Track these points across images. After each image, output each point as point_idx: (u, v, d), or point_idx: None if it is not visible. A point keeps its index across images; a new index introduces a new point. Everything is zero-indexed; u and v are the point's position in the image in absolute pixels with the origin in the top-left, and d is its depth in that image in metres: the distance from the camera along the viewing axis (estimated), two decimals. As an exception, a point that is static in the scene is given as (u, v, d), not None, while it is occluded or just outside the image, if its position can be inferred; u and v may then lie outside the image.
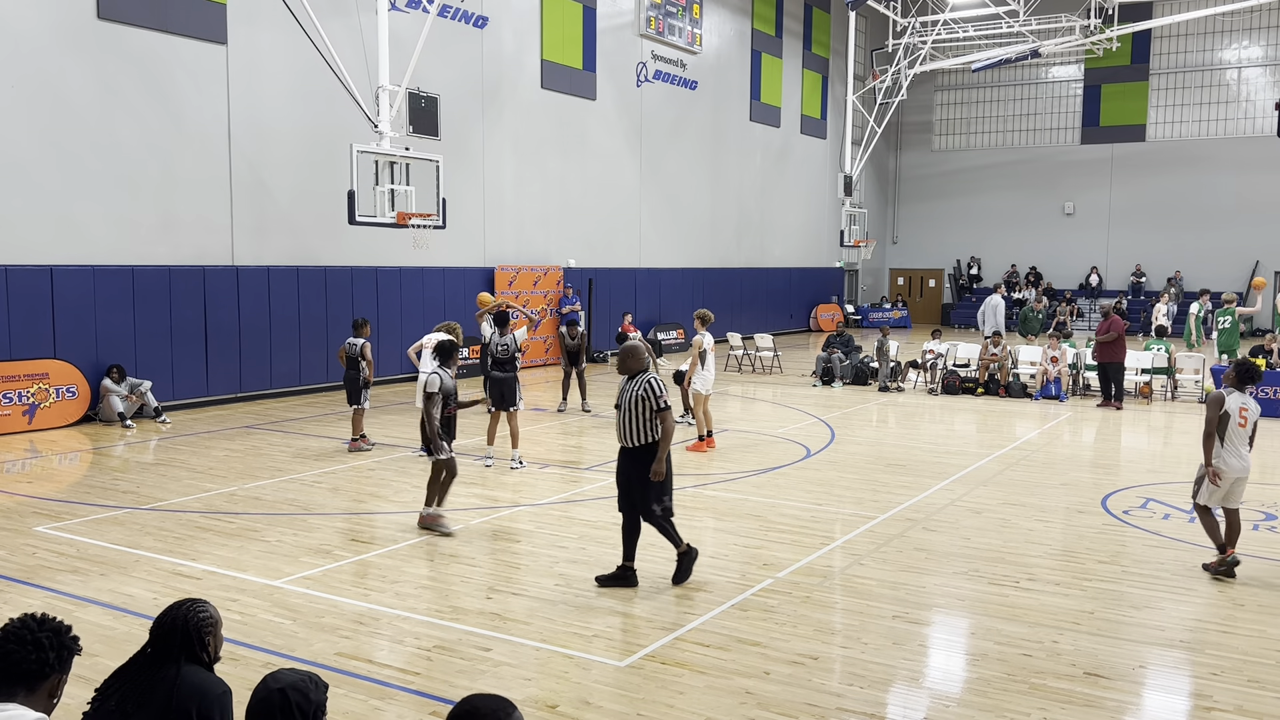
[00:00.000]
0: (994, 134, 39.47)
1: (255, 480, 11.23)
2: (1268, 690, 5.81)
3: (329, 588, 7.52)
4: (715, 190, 30.53)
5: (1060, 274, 37.80)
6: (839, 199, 32.47)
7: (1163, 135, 36.30)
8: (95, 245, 15.26)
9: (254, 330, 17.30)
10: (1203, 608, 7.27)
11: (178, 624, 3.42)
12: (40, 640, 3.04)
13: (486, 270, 21.98)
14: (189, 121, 16.31)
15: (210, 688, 3.36)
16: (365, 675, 5.93)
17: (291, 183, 17.86)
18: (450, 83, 20.29)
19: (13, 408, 14.04)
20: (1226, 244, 34.91)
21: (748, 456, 12.86)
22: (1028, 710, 5.51)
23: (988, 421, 16.11)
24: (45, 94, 14.57)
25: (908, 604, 7.23)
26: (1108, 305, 18.96)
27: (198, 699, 3.30)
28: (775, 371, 22.45)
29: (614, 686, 5.79)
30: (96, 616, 6.85)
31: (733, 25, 30.79)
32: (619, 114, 26.03)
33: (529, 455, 12.60)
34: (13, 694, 3.00)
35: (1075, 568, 8.13)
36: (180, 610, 3.46)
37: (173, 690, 3.30)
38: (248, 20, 16.95)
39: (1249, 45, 34.93)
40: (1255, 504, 10.31)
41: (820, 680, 5.90)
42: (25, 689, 3.01)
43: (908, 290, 41.64)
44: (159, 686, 3.31)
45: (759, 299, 32.62)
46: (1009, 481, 11.44)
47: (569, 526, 9.32)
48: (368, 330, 13.24)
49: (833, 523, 9.56)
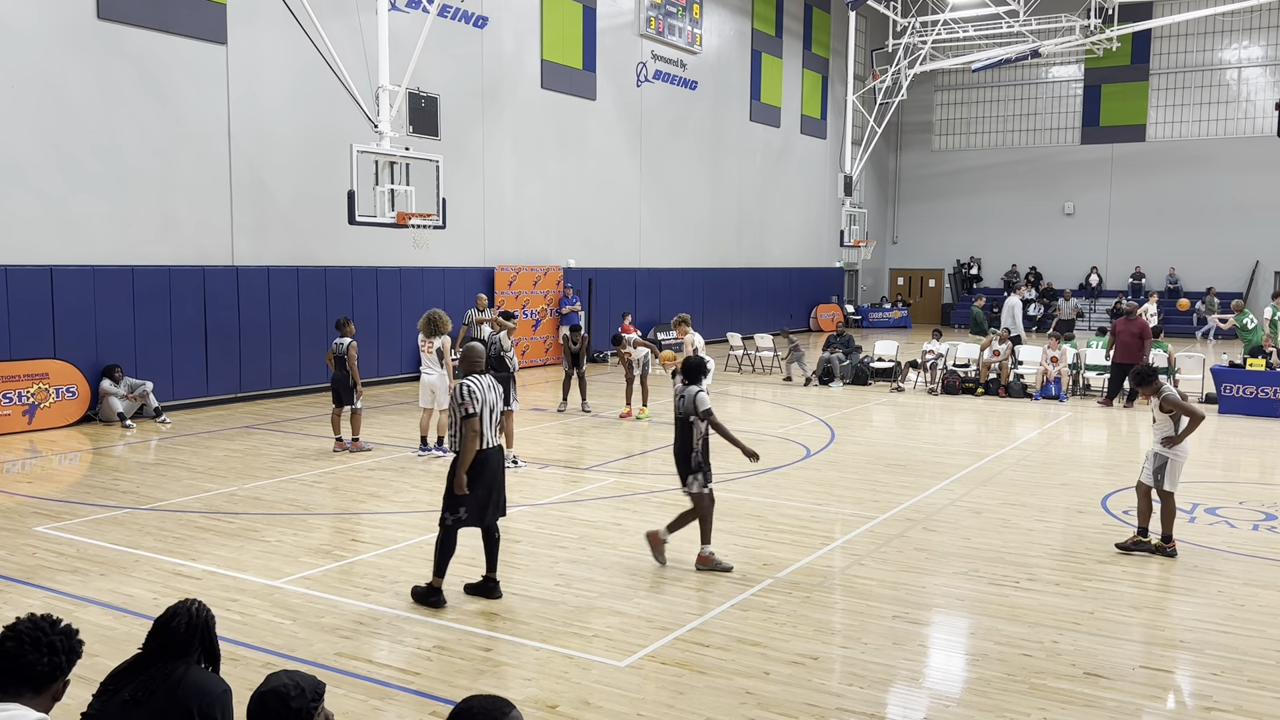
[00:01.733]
0: (994, 134, 39.47)
1: (255, 480, 11.23)
2: (1268, 690, 5.81)
3: (329, 588, 7.52)
4: (715, 190, 30.53)
5: (1060, 274, 37.78)
6: (839, 199, 32.47)
7: (1163, 135, 36.29)
8: (95, 245, 15.26)
9: (254, 330, 17.30)
10: (1203, 608, 7.27)
11: (196, 623, 3.47)
12: (54, 643, 3.05)
13: (486, 270, 21.98)
14: (189, 122, 16.31)
15: (212, 686, 3.40)
16: (365, 675, 5.93)
17: (291, 183, 17.86)
18: (450, 83, 20.29)
19: (13, 408, 14.03)
20: (1226, 244, 34.89)
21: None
22: (1028, 710, 5.51)
23: (988, 421, 16.11)
24: (45, 94, 14.56)
25: (908, 604, 7.23)
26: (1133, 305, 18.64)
27: (199, 697, 3.34)
28: (775, 371, 22.45)
29: (614, 686, 5.79)
30: (96, 616, 6.85)
31: (733, 25, 30.79)
32: (619, 114, 26.03)
33: (529, 455, 12.61)
34: (20, 694, 3.01)
35: (1075, 568, 8.13)
36: (193, 609, 3.50)
37: (178, 687, 3.34)
38: (248, 20, 16.94)
39: (1249, 45, 34.92)
40: (1255, 504, 10.31)
41: (820, 680, 5.90)
42: (33, 690, 3.02)
43: (908, 290, 41.63)
44: (166, 682, 3.35)
45: (759, 299, 32.62)
46: (1009, 481, 11.44)
47: (569, 526, 9.32)
48: (352, 329, 12.94)
49: (833, 523, 9.56)
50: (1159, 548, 8.42)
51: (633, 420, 15.66)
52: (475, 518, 7.16)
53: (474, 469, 7.04)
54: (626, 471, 11.91)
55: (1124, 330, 16.98)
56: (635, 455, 12.97)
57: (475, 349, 7.40)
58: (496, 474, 7.25)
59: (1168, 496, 8.44)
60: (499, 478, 7.28)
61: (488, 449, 7.12)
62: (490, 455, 7.16)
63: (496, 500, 7.27)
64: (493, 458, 7.19)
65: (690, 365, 8.27)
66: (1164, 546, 8.40)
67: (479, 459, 7.06)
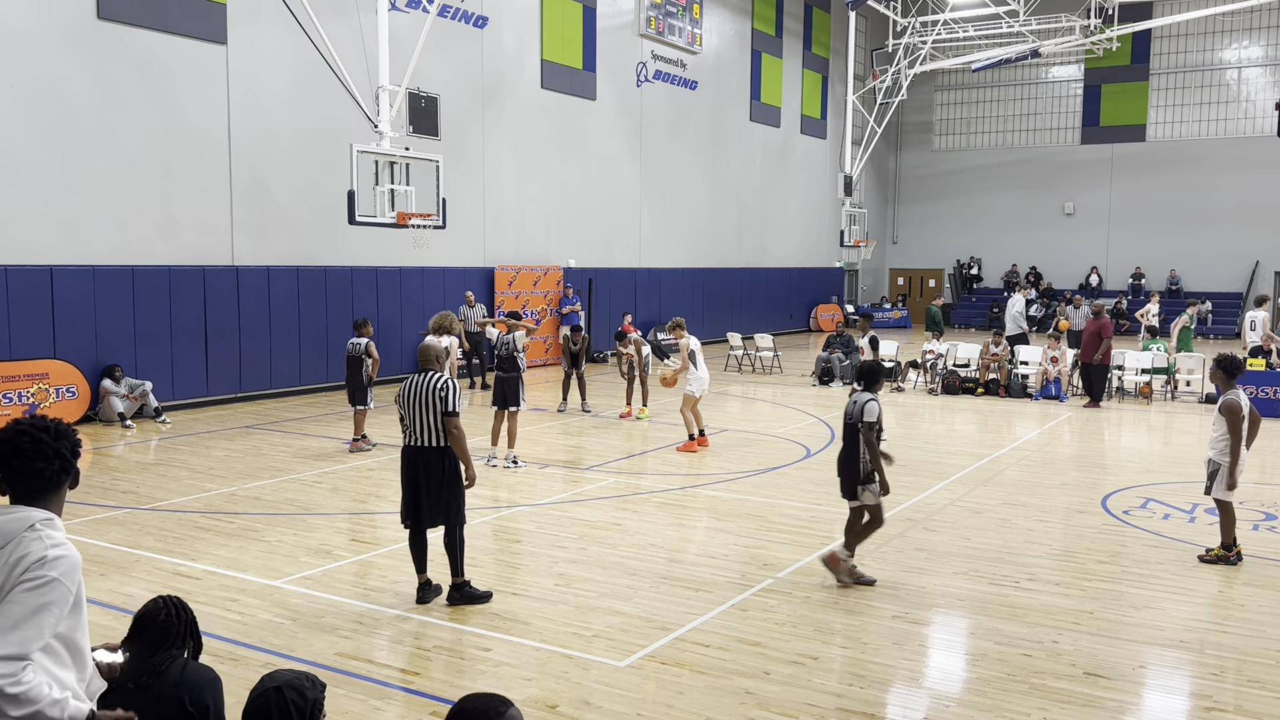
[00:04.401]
0: (994, 134, 39.47)
1: (255, 480, 11.23)
2: (1268, 690, 5.81)
3: (329, 588, 7.52)
4: (715, 190, 30.53)
5: (1060, 274, 37.79)
6: (839, 199, 32.48)
7: (1163, 135, 36.29)
8: (95, 245, 15.26)
9: (254, 330, 17.30)
10: (1203, 608, 7.27)
11: (183, 616, 3.55)
12: (59, 450, 3.07)
13: (486, 270, 21.98)
14: (189, 122, 16.31)
15: (202, 674, 3.48)
16: (365, 675, 5.93)
17: (291, 183, 17.86)
18: (450, 83, 20.29)
19: (13, 408, 14.03)
20: (1226, 244, 34.89)
21: (748, 456, 12.86)
22: (1028, 710, 5.51)
23: (988, 421, 16.11)
24: (45, 94, 14.56)
25: (908, 604, 7.23)
26: (1100, 304, 18.85)
27: (191, 685, 3.41)
28: (775, 371, 22.45)
29: (614, 686, 5.79)
30: (97, 616, 6.84)
31: (733, 25, 30.79)
32: (619, 114, 26.03)
33: (529, 455, 12.61)
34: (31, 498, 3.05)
35: (1075, 568, 8.13)
36: (173, 601, 3.58)
37: (169, 679, 3.42)
38: (248, 20, 16.95)
39: (1249, 45, 34.92)
40: (1255, 504, 10.31)
41: (820, 680, 5.90)
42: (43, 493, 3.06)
43: (908, 290, 41.63)
44: (157, 675, 3.42)
45: (759, 299, 32.62)
46: (1009, 481, 11.44)
47: (569, 526, 9.32)
48: (369, 329, 13.22)
49: (833, 523, 9.55)
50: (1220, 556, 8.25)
51: (632, 420, 15.66)
52: (403, 515, 7.29)
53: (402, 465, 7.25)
54: (626, 471, 11.91)
55: (1085, 329, 17.51)
56: (635, 455, 12.97)
57: (428, 346, 7.41)
58: (417, 474, 7.12)
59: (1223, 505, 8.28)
60: (421, 479, 7.10)
61: (407, 446, 7.21)
62: (406, 453, 7.22)
63: (427, 503, 7.10)
64: (413, 457, 7.16)
65: (868, 370, 7.78)
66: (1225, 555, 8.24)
67: (403, 454, 7.24)
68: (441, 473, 7.09)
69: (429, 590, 7.22)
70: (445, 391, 7.04)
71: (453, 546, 7.14)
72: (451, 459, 7.10)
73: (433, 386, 7.05)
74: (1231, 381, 8.28)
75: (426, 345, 7.39)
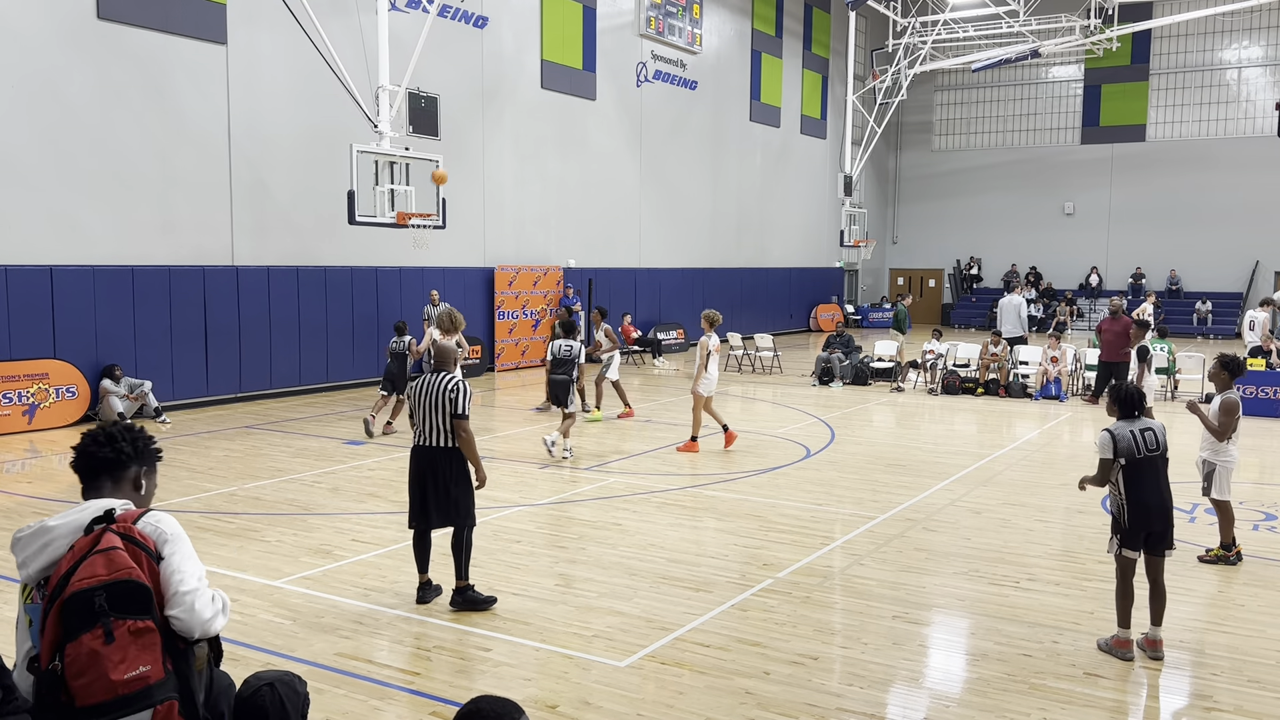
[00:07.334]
0: (994, 134, 39.46)
1: (255, 480, 11.23)
2: (1268, 690, 5.81)
3: (329, 588, 7.52)
4: (715, 190, 30.53)
5: (1060, 274, 37.78)
6: (839, 199, 32.47)
7: (1163, 135, 36.28)
8: (95, 245, 15.26)
9: (254, 330, 17.30)
10: (1203, 608, 7.27)
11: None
12: (113, 435, 3.46)
13: (486, 270, 21.98)
14: (189, 122, 16.30)
15: (219, 680, 3.46)
16: (365, 675, 5.93)
17: (291, 183, 17.86)
18: (450, 83, 20.29)
19: (13, 408, 14.03)
20: (1226, 244, 34.89)
21: (748, 456, 12.86)
22: (1028, 710, 5.51)
23: (988, 421, 16.11)
24: (45, 94, 14.56)
25: (908, 604, 7.23)
26: (1118, 304, 18.74)
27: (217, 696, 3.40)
28: (775, 371, 22.45)
29: (614, 686, 5.79)
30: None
31: (733, 25, 30.78)
32: (619, 114, 26.03)
33: (529, 455, 12.62)
34: (100, 487, 3.44)
35: (1075, 568, 8.13)
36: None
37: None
38: (248, 20, 16.94)
39: (1249, 45, 34.91)
40: (1255, 504, 10.31)
41: (820, 680, 5.90)
42: (111, 480, 3.44)
43: (907, 290, 41.62)
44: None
45: (759, 299, 32.61)
46: (1009, 481, 11.44)
47: (569, 526, 9.32)
48: (407, 331, 14.69)
49: (833, 523, 9.56)
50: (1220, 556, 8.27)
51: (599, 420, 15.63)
52: (410, 519, 7.20)
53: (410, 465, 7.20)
54: (626, 471, 11.91)
55: (1108, 330, 17.31)
56: (635, 455, 12.97)
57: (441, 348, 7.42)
58: (424, 474, 7.07)
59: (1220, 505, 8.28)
60: (429, 479, 7.06)
61: (416, 446, 7.16)
62: (415, 453, 7.16)
63: (435, 503, 7.05)
64: (422, 457, 7.10)
65: (1122, 396, 6.41)
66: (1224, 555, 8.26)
67: (411, 454, 7.19)
68: (450, 473, 7.05)
69: (429, 590, 7.22)
70: (456, 393, 7.00)
71: (459, 548, 7.10)
72: (460, 459, 7.08)
73: (443, 387, 7.02)
74: (1232, 382, 8.28)
75: (444, 347, 7.39)
